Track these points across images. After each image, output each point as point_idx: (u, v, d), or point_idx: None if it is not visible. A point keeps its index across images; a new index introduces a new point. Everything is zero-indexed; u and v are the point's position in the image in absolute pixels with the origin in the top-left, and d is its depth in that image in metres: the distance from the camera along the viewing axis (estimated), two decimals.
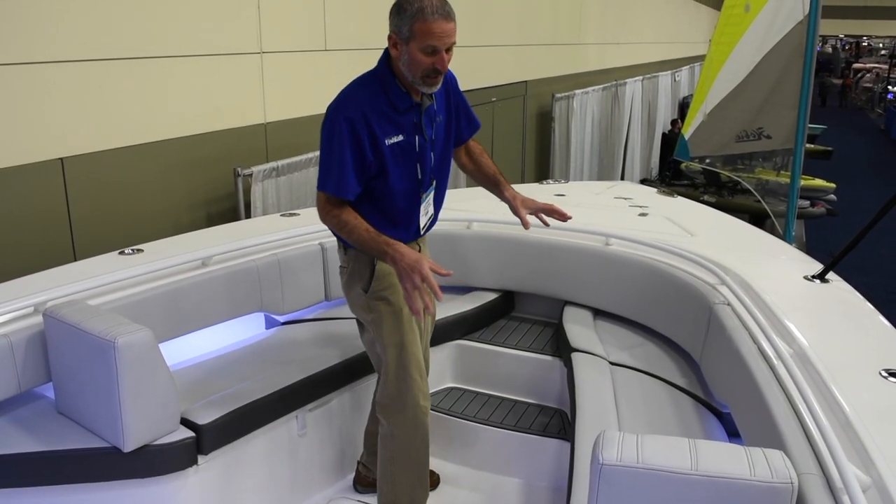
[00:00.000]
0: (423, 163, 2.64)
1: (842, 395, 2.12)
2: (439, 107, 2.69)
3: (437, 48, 2.41)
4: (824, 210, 12.08)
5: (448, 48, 2.44)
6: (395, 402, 2.73)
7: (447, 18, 2.40)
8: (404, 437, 2.75)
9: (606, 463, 1.64)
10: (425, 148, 2.63)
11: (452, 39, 2.44)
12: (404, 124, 2.57)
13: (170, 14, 4.13)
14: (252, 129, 4.84)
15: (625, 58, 14.63)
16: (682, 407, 2.95)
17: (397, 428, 2.75)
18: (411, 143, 2.59)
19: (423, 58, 2.42)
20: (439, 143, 2.72)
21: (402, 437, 2.75)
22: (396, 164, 2.58)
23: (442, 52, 2.42)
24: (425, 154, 2.63)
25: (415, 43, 2.41)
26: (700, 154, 6.43)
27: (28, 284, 2.89)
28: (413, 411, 2.72)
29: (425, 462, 2.83)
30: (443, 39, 2.40)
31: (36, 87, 3.52)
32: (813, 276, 3.11)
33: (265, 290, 3.40)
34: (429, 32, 2.39)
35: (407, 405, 2.72)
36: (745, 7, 5.84)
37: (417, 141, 2.60)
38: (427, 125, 2.62)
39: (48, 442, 2.48)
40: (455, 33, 2.44)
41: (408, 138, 2.57)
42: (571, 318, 3.65)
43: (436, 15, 2.38)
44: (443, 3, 2.42)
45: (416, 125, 2.59)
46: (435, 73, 2.45)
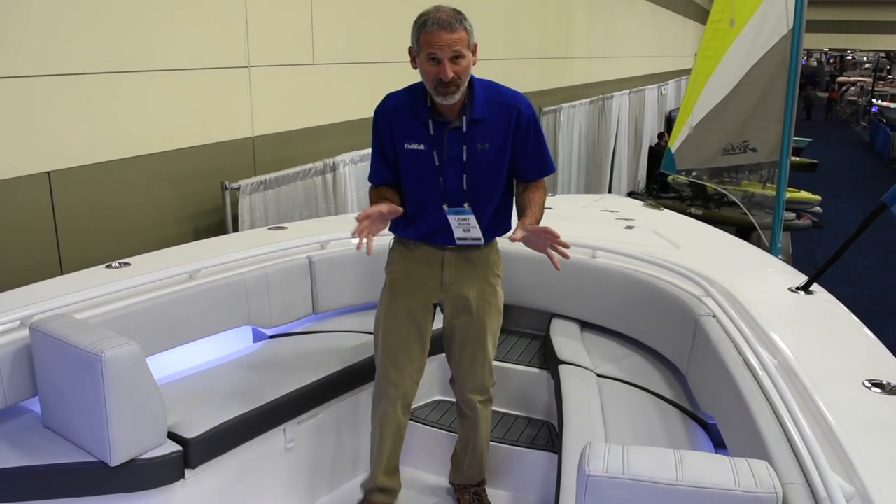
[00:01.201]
0: (446, 179, 2.71)
1: (826, 406, 2.14)
2: (487, 134, 2.69)
3: (438, 57, 2.49)
4: (810, 222, 12.15)
5: (454, 57, 2.50)
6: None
7: (448, 29, 2.48)
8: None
9: (592, 474, 1.65)
10: (448, 165, 2.69)
11: (456, 48, 2.49)
12: (427, 136, 2.68)
13: (157, 28, 4.14)
14: (240, 142, 4.84)
15: (612, 72, 14.71)
16: (668, 418, 2.97)
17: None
18: (430, 155, 2.69)
19: (429, 68, 2.53)
20: (477, 169, 2.72)
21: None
22: (411, 168, 2.74)
23: (444, 61, 2.49)
24: (447, 170, 2.70)
25: (422, 54, 2.54)
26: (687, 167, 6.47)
27: (14, 298, 2.88)
28: (376, 397, 2.99)
29: (376, 447, 3.04)
30: (443, 49, 2.48)
31: (23, 100, 3.52)
32: (797, 288, 3.13)
33: (252, 304, 3.39)
34: (429, 42, 2.49)
35: (376, 392, 2.99)
36: (730, 21, 5.90)
37: (436, 155, 2.68)
38: (451, 144, 2.68)
39: (34, 456, 2.47)
40: (462, 42, 2.50)
41: (428, 149, 2.68)
42: (559, 330, 3.66)
43: (435, 26, 2.48)
44: (449, 15, 2.50)
45: (440, 140, 2.67)
46: (442, 84, 2.52)
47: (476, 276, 2.86)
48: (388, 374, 2.93)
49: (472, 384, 2.99)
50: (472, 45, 2.57)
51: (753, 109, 5.78)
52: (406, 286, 2.88)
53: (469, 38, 2.54)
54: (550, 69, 11.03)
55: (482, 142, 2.69)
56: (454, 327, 2.93)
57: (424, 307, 2.90)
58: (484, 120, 2.67)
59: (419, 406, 3.56)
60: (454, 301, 2.88)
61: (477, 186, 2.74)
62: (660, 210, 4.92)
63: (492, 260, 2.89)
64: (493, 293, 2.90)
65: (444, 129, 2.67)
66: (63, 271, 3.71)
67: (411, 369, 2.94)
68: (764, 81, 5.67)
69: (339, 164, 5.31)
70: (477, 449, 3.09)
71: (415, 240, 2.84)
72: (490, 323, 2.91)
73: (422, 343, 2.93)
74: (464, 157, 2.68)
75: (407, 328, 2.89)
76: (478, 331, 2.90)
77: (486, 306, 2.88)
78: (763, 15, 5.64)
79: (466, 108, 2.66)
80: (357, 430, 3.37)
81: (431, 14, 2.50)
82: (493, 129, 2.69)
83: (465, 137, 2.67)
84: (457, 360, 2.99)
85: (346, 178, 5.38)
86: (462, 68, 2.53)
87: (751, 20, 5.74)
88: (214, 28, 4.53)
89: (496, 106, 2.69)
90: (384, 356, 2.93)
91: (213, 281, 3.25)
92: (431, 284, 2.86)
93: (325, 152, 5.33)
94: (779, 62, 5.51)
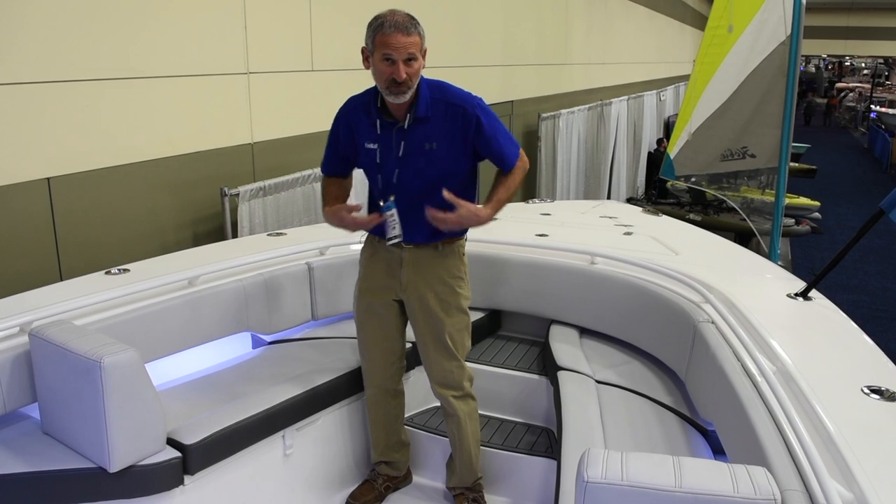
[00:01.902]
0: (384, 175, 2.85)
1: (825, 413, 2.14)
2: (433, 132, 2.78)
3: (393, 58, 2.61)
4: (809, 228, 12.16)
5: (407, 59, 2.61)
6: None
7: (404, 32, 2.59)
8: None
9: (591, 480, 1.65)
10: (389, 163, 2.82)
11: (410, 51, 2.61)
12: (377, 136, 2.83)
13: (157, 34, 4.14)
14: (239, 148, 4.84)
15: (610, 78, 14.73)
16: (667, 425, 2.97)
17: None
18: (376, 153, 2.83)
19: (384, 68, 2.63)
20: (418, 166, 2.81)
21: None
22: (367, 166, 2.92)
23: (398, 62, 2.60)
24: (387, 168, 2.83)
25: (376, 54, 2.64)
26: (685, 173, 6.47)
27: (13, 304, 2.88)
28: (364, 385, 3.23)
29: (371, 429, 3.28)
30: (398, 50, 2.60)
31: (22, 107, 3.52)
32: (796, 294, 3.14)
33: (252, 310, 3.40)
34: (385, 43, 2.60)
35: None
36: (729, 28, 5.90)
37: (379, 153, 2.83)
38: (396, 143, 2.79)
39: (33, 462, 2.47)
40: (415, 46, 2.62)
41: (378, 148, 2.83)
42: (557, 336, 3.66)
43: (392, 28, 2.59)
44: (405, 19, 2.62)
45: (387, 140, 2.80)
46: (394, 84, 2.62)
47: (433, 276, 2.95)
48: (366, 367, 3.18)
49: (439, 378, 3.06)
50: (423, 50, 2.69)
51: (752, 115, 5.78)
52: (371, 283, 3.05)
53: (422, 43, 2.67)
54: (549, 75, 11.05)
55: (429, 141, 2.79)
56: (416, 326, 3.04)
57: (388, 304, 3.03)
58: (429, 119, 2.77)
59: (417, 413, 3.56)
60: (412, 301, 2.99)
61: (413, 182, 2.83)
62: (658, 216, 4.92)
63: (449, 262, 2.97)
64: (451, 293, 2.97)
65: (392, 128, 2.79)
66: (62, 277, 3.72)
67: (385, 361, 3.14)
68: (762, 87, 5.67)
69: None
70: (464, 448, 3.13)
71: (379, 237, 2.95)
72: (450, 321, 2.98)
73: (391, 337, 3.10)
74: (399, 153, 2.79)
75: (375, 324, 3.07)
76: (436, 329, 2.98)
77: (444, 306, 2.96)
78: (761, 21, 5.64)
79: (412, 107, 2.76)
80: (356, 435, 3.37)
81: (388, 17, 2.62)
82: (440, 128, 2.78)
83: (404, 135, 2.77)
84: (423, 358, 3.10)
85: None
86: (414, 70, 2.65)
87: (749, 26, 5.73)
88: (213, 35, 4.53)
89: (442, 105, 2.78)
90: (360, 351, 3.17)
91: (213, 287, 3.25)
92: (391, 283, 2.98)
93: None
94: (777, 68, 5.51)
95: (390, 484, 3.28)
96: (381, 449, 3.26)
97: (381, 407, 3.20)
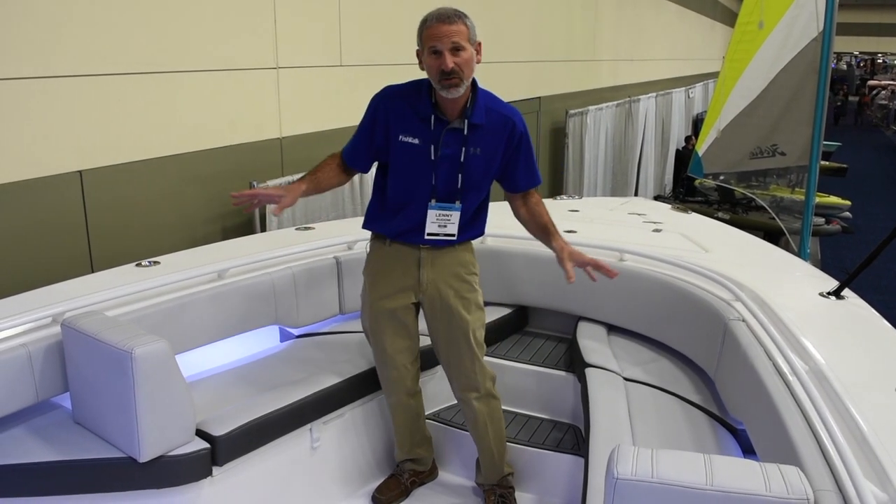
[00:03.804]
0: (439, 176, 2.79)
1: (858, 412, 2.11)
2: (482, 139, 2.78)
3: (438, 49, 2.59)
4: (839, 227, 12.01)
5: (453, 49, 2.59)
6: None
7: (446, 21, 2.59)
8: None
9: (621, 477, 1.64)
10: (443, 162, 2.77)
11: (454, 39, 2.59)
12: (424, 131, 2.75)
13: (187, 29, 4.17)
14: (267, 143, 4.87)
15: (638, 74, 14.65)
16: (696, 423, 2.94)
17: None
18: (425, 150, 2.76)
19: (432, 61, 2.62)
20: (469, 171, 2.80)
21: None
22: (403, 160, 2.80)
23: (444, 52, 2.59)
24: (441, 168, 2.78)
25: (425, 50, 2.64)
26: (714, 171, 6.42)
27: (46, 295, 2.92)
28: (383, 389, 3.18)
29: (395, 431, 3.26)
30: (442, 40, 2.59)
31: (55, 100, 3.56)
32: (829, 293, 3.10)
33: (280, 304, 3.41)
34: (429, 36, 2.61)
35: (382, 385, 3.18)
36: (759, 24, 5.84)
37: (432, 150, 2.76)
38: (448, 143, 2.75)
39: (65, 451, 2.50)
40: (460, 35, 2.60)
41: (424, 145, 2.75)
42: (585, 333, 3.64)
43: (434, 20, 2.61)
44: (448, 10, 2.62)
45: (437, 138, 2.75)
46: (444, 76, 2.60)
47: (452, 274, 2.93)
48: (391, 376, 3.09)
49: (462, 381, 3.03)
50: (473, 41, 2.66)
51: (782, 113, 5.73)
52: (385, 287, 2.96)
53: (469, 33, 2.64)
54: (577, 71, 11.00)
55: (475, 146, 2.77)
56: (437, 328, 3.00)
57: (408, 308, 2.98)
58: (481, 126, 2.76)
59: (441, 409, 3.56)
60: (432, 300, 2.95)
61: (469, 187, 2.83)
62: (688, 213, 4.89)
63: (466, 258, 2.97)
64: (470, 290, 2.96)
65: (443, 127, 2.75)
66: (93, 269, 3.76)
67: (413, 368, 3.10)
68: (793, 85, 5.61)
69: None
70: (485, 447, 3.11)
71: (392, 238, 2.90)
72: (471, 319, 2.95)
73: (409, 338, 3.05)
74: (461, 157, 2.77)
75: (399, 331, 3.01)
76: (459, 328, 2.95)
77: (465, 303, 2.94)
78: (793, 17, 5.58)
79: (468, 111, 2.73)
80: (382, 430, 3.37)
81: (432, 12, 2.63)
82: (488, 136, 2.78)
83: (464, 139, 2.75)
84: (444, 359, 3.06)
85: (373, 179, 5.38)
86: (463, 60, 2.61)
87: (780, 23, 5.68)
88: (243, 30, 4.56)
89: (494, 115, 2.78)
90: (381, 360, 3.09)
91: (242, 280, 3.27)
92: (409, 284, 2.94)
93: None
94: (808, 65, 5.45)
95: (416, 479, 3.28)
96: (407, 449, 3.25)
97: (405, 411, 3.17)
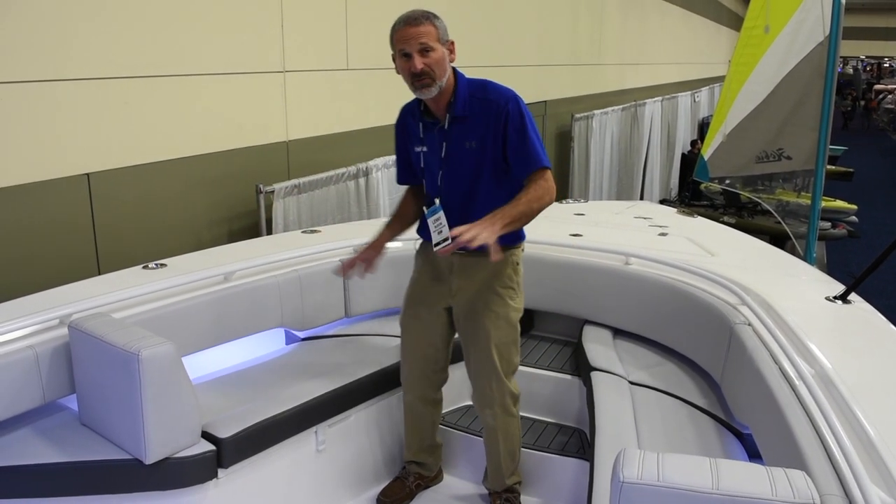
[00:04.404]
0: (429, 178, 2.86)
1: (864, 417, 2.10)
2: (472, 130, 2.72)
3: (407, 51, 2.61)
4: (846, 232, 11.96)
5: (422, 50, 2.59)
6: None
7: (413, 24, 2.60)
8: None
9: (627, 481, 1.64)
10: (431, 164, 2.82)
11: (422, 40, 2.59)
12: (425, 137, 2.82)
13: (194, 33, 4.18)
14: (274, 146, 4.88)
15: (644, 78, 14.64)
16: (702, 427, 2.94)
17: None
18: (422, 156, 2.82)
19: (403, 64, 2.65)
20: (461, 167, 2.76)
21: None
22: (420, 169, 2.91)
23: (412, 54, 2.60)
24: (432, 170, 2.82)
25: (396, 55, 2.67)
26: (719, 175, 6.42)
27: (53, 297, 2.93)
28: (402, 389, 3.19)
29: (405, 432, 3.27)
30: (409, 42, 2.60)
31: (63, 103, 3.57)
32: (835, 297, 3.09)
33: (286, 306, 3.42)
34: (398, 40, 2.64)
35: (402, 385, 3.20)
36: (765, 28, 5.84)
37: (423, 156, 2.82)
38: (438, 142, 2.77)
39: (71, 453, 2.51)
40: (428, 35, 2.60)
41: (425, 151, 2.82)
42: (591, 337, 3.64)
43: (401, 24, 2.62)
44: (415, 12, 2.63)
45: (431, 141, 2.79)
46: (415, 77, 2.61)
47: (482, 284, 2.86)
48: (406, 374, 3.14)
49: (478, 395, 3.01)
50: (444, 41, 2.65)
51: (788, 117, 5.72)
52: (421, 291, 3.01)
53: (438, 33, 2.63)
54: (583, 75, 11.00)
55: (468, 140, 2.73)
56: (462, 335, 2.99)
57: (437, 312, 2.98)
58: (467, 118, 2.73)
59: (449, 411, 3.56)
60: (460, 308, 2.94)
61: (458, 183, 2.79)
62: (694, 217, 4.88)
63: (502, 269, 2.84)
64: (500, 303, 2.86)
65: (434, 129, 2.78)
66: (100, 271, 3.77)
67: (425, 370, 3.09)
68: (799, 89, 5.61)
69: (371, 168, 5.33)
70: (495, 461, 3.09)
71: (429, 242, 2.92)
72: (496, 334, 2.86)
73: (433, 345, 3.03)
74: (441, 153, 2.76)
75: (419, 329, 3.03)
76: (481, 340, 2.88)
77: (492, 316, 2.85)
78: (799, 21, 5.58)
79: (451, 106, 2.73)
80: (388, 433, 3.37)
81: (400, 16, 2.65)
82: (479, 125, 2.73)
83: (445, 135, 2.75)
84: (468, 368, 3.04)
85: (379, 182, 5.40)
86: (432, 60, 2.61)
87: (786, 27, 5.67)
88: (250, 33, 4.57)
89: (480, 103, 2.73)
90: (402, 357, 3.14)
91: (248, 283, 3.28)
92: (442, 290, 2.94)
93: (358, 157, 5.35)
94: (815, 69, 5.44)
95: (421, 482, 3.28)
96: (414, 451, 3.25)
97: (417, 414, 3.18)
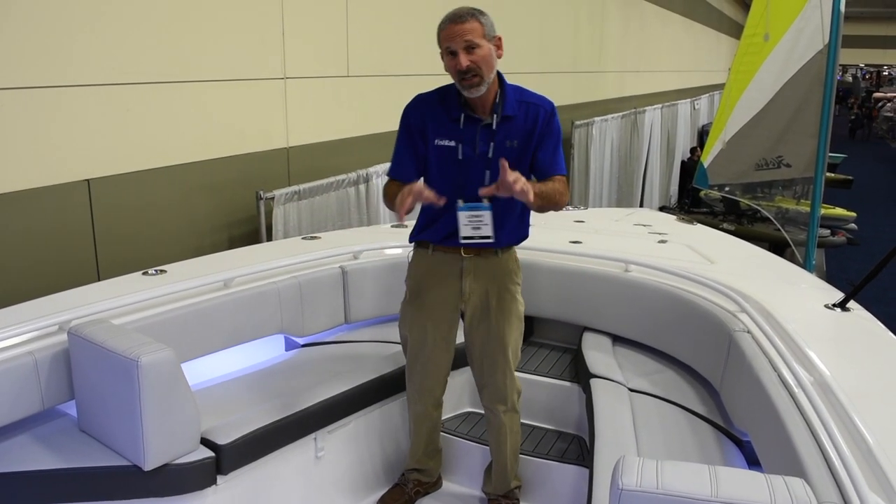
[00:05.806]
0: (470, 175, 2.76)
1: (863, 424, 2.11)
2: (515, 131, 2.75)
3: (453, 49, 2.61)
4: (845, 239, 11.97)
5: (467, 47, 2.59)
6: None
7: (458, 21, 2.59)
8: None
9: (626, 488, 1.64)
10: (472, 161, 2.76)
11: (467, 38, 2.59)
12: (458, 132, 2.76)
13: (195, 39, 4.19)
14: (275, 153, 4.88)
15: (644, 86, 14.66)
16: (701, 434, 2.94)
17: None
18: (456, 151, 2.76)
19: (449, 62, 2.64)
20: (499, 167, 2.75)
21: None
22: (439, 164, 2.80)
23: (458, 52, 2.59)
24: (471, 166, 2.76)
25: (443, 53, 2.66)
26: (719, 182, 6.42)
27: (53, 303, 2.93)
28: (409, 398, 3.17)
29: (413, 440, 3.24)
30: (455, 40, 2.60)
31: (64, 110, 3.58)
32: (834, 305, 3.10)
33: (286, 313, 3.42)
34: (444, 38, 2.63)
35: (408, 393, 3.16)
36: (765, 36, 5.85)
37: (460, 150, 2.75)
38: (482, 140, 2.74)
39: (70, 459, 2.50)
40: (473, 32, 2.59)
41: (458, 145, 2.75)
42: (590, 344, 3.64)
43: (447, 22, 2.62)
44: (460, 9, 2.61)
45: (471, 136, 2.75)
46: (462, 75, 2.61)
47: (496, 284, 2.91)
48: (424, 386, 3.07)
49: (493, 393, 3.03)
50: (489, 37, 2.65)
51: (788, 125, 5.73)
52: (428, 297, 2.96)
53: (484, 30, 2.62)
54: (583, 83, 11.02)
55: (511, 138, 2.75)
56: (474, 336, 2.99)
57: (446, 316, 2.97)
58: (513, 118, 2.75)
59: (449, 418, 3.56)
60: (474, 309, 2.94)
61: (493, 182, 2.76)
62: (693, 225, 4.89)
63: (510, 267, 2.94)
64: (511, 301, 2.94)
65: (477, 125, 2.75)
66: (100, 277, 3.77)
67: (438, 375, 3.08)
68: (799, 96, 5.62)
69: (371, 175, 5.34)
70: (502, 460, 3.11)
71: (435, 244, 2.90)
72: (510, 331, 2.94)
73: (448, 351, 3.03)
74: (489, 153, 2.74)
75: (432, 338, 2.98)
76: (497, 339, 2.94)
77: (507, 314, 2.93)
78: (798, 30, 5.59)
79: (498, 105, 2.73)
80: (387, 439, 3.37)
81: (447, 14, 2.63)
82: (521, 126, 2.76)
83: (493, 134, 2.74)
84: (478, 368, 3.05)
85: (379, 189, 5.40)
86: (478, 57, 2.60)
87: (786, 35, 5.68)
88: (251, 40, 4.58)
89: (523, 106, 2.77)
90: (415, 370, 3.06)
91: (248, 289, 3.28)
92: (452, 293, 2.92)
93: (358, 163, 5.37)
94: (814, 77, 5.45)
95: (420, 489, 3.28)
96: (419, 457, 3.24)
97: (427, 421, 3.16)
